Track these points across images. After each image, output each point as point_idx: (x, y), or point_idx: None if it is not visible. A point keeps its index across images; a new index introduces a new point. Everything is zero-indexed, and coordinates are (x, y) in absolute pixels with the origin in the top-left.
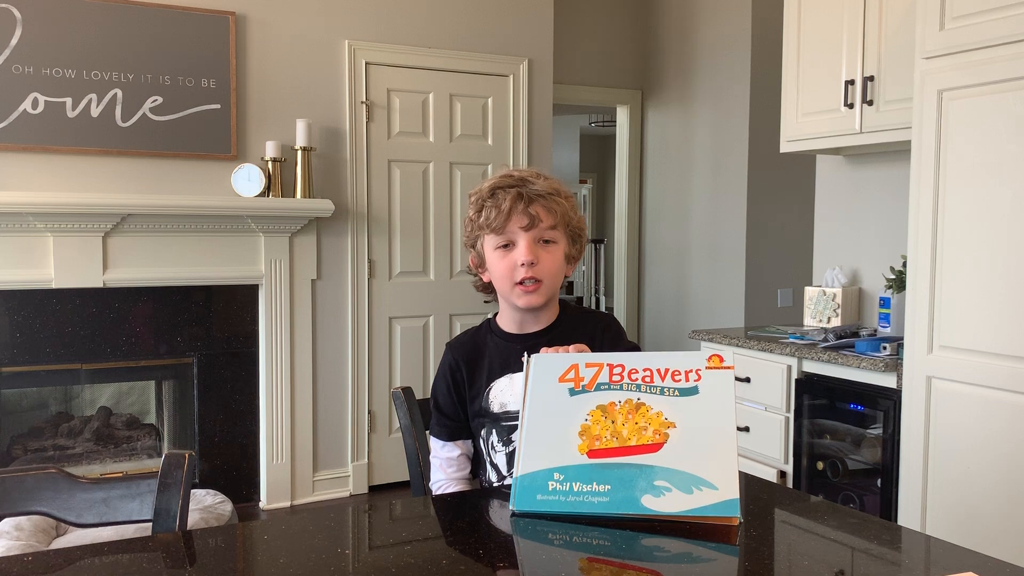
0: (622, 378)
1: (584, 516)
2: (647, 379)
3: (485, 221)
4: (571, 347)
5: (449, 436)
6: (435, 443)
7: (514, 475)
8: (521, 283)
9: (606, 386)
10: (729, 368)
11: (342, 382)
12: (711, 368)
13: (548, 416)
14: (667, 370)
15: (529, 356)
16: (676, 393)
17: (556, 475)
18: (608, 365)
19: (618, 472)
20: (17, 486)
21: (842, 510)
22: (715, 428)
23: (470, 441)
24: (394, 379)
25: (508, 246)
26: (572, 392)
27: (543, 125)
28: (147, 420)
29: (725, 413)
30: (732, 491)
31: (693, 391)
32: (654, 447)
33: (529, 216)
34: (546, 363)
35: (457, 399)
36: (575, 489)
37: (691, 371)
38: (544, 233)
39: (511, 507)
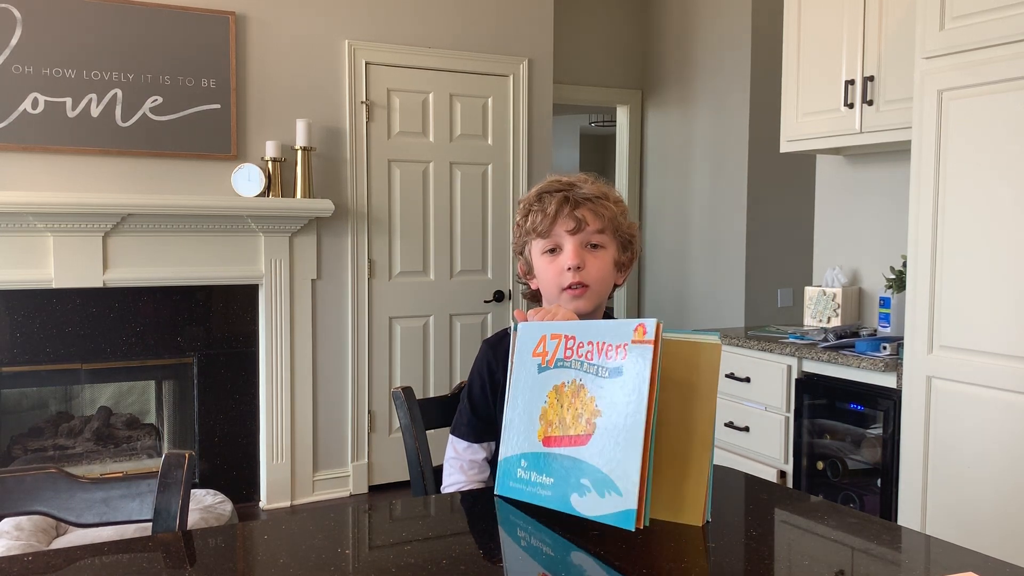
0: (573, 352)
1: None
2: (588, 355)
3: (532, 226)
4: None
5: (476, 437)
6: (459, 444)
7: (499, 457)
8: (568, 287)
9: (561, 363)
10: (648, 343)
11: (342, 382)
12: (636, 342)
13: (522, 396)
14: (602, 344)
15: (515, 324)
16: (606, 374)
17: (523, 462)
18: (564, 337)
19: (559, 464)
20: (17, 486)
21: (842, 510)
22: (629, 421)
23: (494, 444)
24: (394, 379)
25: (555, 251)
26: (540, 369)
27: (543, 125)
28: (147, 420)
29: (639, 403)
30: (632, 500)
31: (618, 372)
32: (584, 439)
33: (575, 220)
34: (527, 333)
35: (492, 397)
36: (532, 479)
37: (621, 346)
38: (591, 237)
39: (495, 490)
